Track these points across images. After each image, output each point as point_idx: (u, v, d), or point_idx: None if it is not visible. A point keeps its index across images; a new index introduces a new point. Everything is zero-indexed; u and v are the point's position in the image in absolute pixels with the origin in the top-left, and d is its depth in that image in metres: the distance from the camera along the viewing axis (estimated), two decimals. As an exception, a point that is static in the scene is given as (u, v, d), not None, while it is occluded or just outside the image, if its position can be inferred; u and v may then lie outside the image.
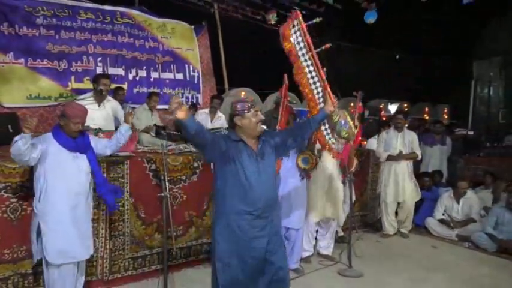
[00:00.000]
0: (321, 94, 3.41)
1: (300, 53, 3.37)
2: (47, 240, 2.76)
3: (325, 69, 3.42)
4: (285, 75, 3.77)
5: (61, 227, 2.79)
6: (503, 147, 8.54)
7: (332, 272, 4.09)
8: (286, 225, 3.90)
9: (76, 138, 2.93)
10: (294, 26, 3.33)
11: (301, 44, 3.36)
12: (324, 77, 3.35)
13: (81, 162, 2.94)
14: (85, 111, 3.00)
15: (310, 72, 3.41)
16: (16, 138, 2.63)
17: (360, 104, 4.67)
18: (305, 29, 3.32)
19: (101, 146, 3.16)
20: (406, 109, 11.24)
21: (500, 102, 12.77)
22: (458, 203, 5.53)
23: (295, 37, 3.34)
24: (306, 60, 3.39)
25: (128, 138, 3.31)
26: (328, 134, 3.72)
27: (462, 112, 12.50)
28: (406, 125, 5.69)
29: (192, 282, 3.70)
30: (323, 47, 3.42)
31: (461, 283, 3.93)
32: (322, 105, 3.14)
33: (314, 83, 3.43)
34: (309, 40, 3.33)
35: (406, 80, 12.80)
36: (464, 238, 5.22)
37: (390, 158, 5.31)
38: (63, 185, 2.81)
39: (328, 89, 3.22)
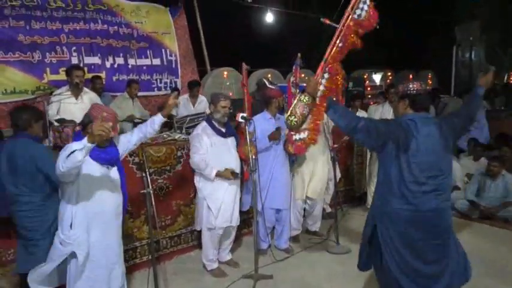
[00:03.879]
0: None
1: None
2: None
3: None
4: (243, 63, 3.65)
5: (91, 263, 2.41)
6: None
7: (320, 250, 4.17)
8: (277, 207, 3.98)
9: (106, 148, 2.46)
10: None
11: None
12: (327, 56, 2.97)
13: (113, 175, 2.52)
14: (113, 112, 2.51)
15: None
16: (73, 146, 2.03)
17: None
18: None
19: (124, 144, 2.66)
20: (390, 78, 11.23)
21: (481, 66, 12.88)
22: (442, 171, 5.61)
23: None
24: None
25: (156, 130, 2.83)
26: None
27: (445, 78, 12.56)
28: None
29: (184, 268, 3.78)
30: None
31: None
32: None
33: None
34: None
35: (387, 48, 12.73)
36: (448, 206, 5.34)
37: None
38: (99, 207, 2.40)
39: (319, 68, 2.92)
